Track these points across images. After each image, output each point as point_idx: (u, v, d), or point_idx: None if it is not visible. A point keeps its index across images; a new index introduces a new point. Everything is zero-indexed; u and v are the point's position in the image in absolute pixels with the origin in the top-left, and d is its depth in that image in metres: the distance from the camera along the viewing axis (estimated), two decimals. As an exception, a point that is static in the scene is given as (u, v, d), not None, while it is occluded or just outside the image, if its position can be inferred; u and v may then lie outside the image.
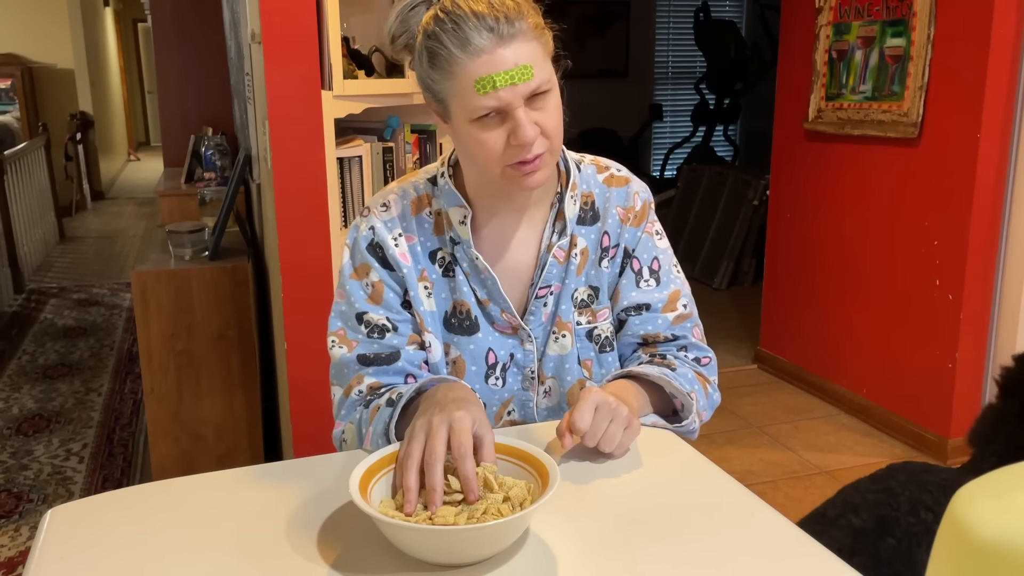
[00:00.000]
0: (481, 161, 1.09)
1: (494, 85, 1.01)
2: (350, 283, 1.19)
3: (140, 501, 1.00)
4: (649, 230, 1.25)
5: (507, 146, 1.05)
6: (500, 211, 1.19)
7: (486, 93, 1.02)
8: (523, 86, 1.02)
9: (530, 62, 1.02)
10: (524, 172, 1.07)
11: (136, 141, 14.00)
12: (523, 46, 1.02)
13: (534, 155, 1.06)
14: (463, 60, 1.02)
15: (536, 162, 1.07)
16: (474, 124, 1.06)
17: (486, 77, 1.01)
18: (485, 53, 1.01)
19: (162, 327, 2.58)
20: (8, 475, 2.93)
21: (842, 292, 3.43)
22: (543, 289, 1.19)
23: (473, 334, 1.19)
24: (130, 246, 6.89)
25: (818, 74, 3.40)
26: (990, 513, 0.46)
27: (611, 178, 1.24)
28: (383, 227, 1.18)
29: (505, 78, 1.01)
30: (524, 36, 1.03)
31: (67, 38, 8.90)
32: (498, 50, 1.01)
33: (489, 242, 1.19)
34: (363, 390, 1.17)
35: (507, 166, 1.07)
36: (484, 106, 1.03)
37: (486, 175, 1.12)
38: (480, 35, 1.01)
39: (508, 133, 1.05)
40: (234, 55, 3.54)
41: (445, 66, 1.04)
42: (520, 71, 1.02)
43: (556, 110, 1.08)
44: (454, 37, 1.02)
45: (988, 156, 2.79)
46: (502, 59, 1.01)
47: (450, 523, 0.85)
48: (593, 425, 1.03)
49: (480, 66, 1.01)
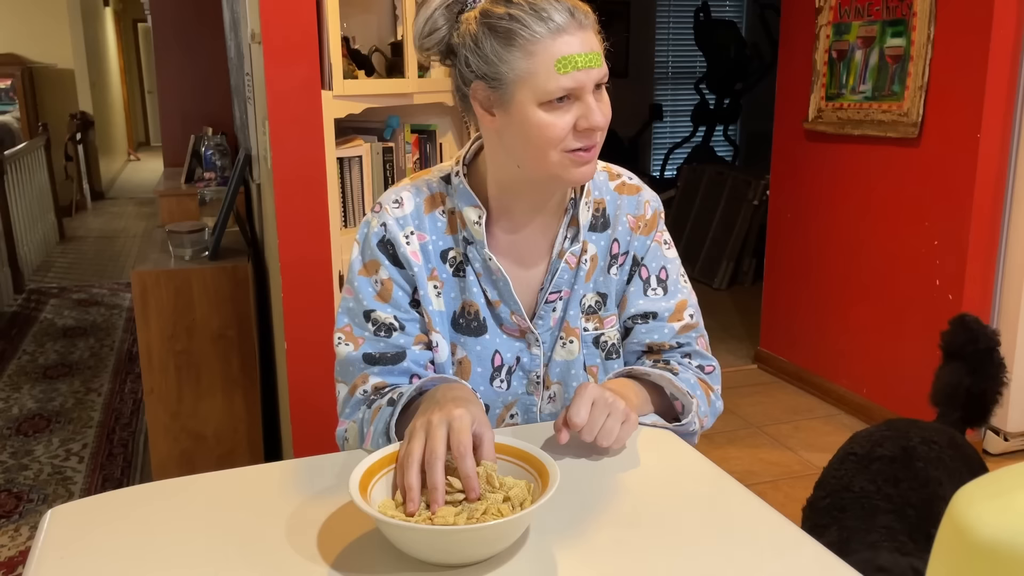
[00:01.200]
0: (541, 145, 1.06)
1: (576, 65, 1.02)
2: (359, 279, 1.18)
3: (140, 501, 1.00)
4: (658, 239, 1.25)
5: (572, 131, 1.06)
6: (516, 213, 1.18)
7: (566, 73, 1.02)
8: (596, 71, 1.05)
9: (599, 52, 1.06)
10: (581, 160, 1.08)
11: (136, 141, 14.00)
12: (593, 36, 1.06)
13: (594, 143, 1.08)
14: (545, 37, 1.02)
15: (592, 151, 1.08)
16: (543, 107, 1.05)
17: (568, 56, 1.02)
18: (566, 33, 1.03)
19: (162, 327, 2.58)
20: (8, 475, 2.93)
21: (842, 292, 3.43)
22: (553, 294, 1.19)
23: (481, 335, 1.19)
24: (130, 246, 6.89)
25: (818, 74, 3.40)
26: (990, 513, 0.46)
27: (623, 186, 1.24)
28: (395, 224, 1.17)
29: (585, 60, 1.03)
30: (592, 27, 1.06)
31: (67, 38, 8.90)
32: (578, 32, 1.03)
33: (502, 244, 1.19)
34: (368, 390, 1.16)
35: (565, 151, 1.07)
36: (562, 87, 1.03)
37: (539, 161, 1.08)
38: (561, 14, 1.03)
39: (576, 117, 1.05)
40: (234, 55, 3.54)
41: (523, 44, 1.03)
42: (596, 56, 1.04)
43: (608, 104, 1.10)
44: (536, 16, 1.03)
45: (988, 156, 2.79)
46: (581, 41, 1.03)
47: (450, 523, 0.85)
48: (590, 419, 1.03)
49: (562, 45, 1.02)
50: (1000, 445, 2.97)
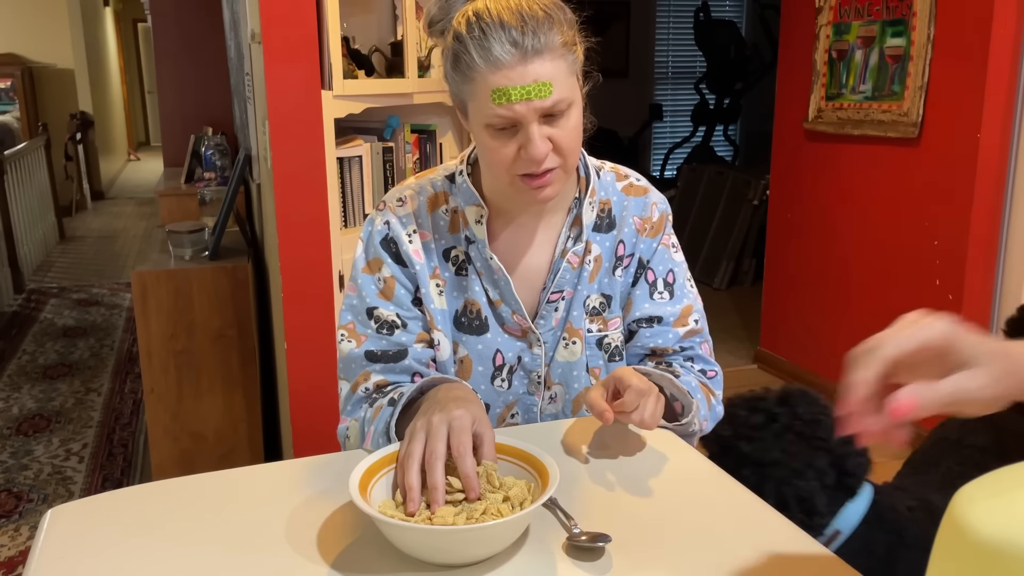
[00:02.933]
0: (492, 167, 1.09)
1: (509, 98, 1.01)
2: (362, 277, 1.19)
3: (140, 501, 1.00)
4: (666, 242, 1.24)
5: (517, 157, 1.05)
6: (516, 213, 1.18)
7: (500, 104, 1.02)
8: (539, 103, 1.02)
9: (551, 79, 1.01)
10: (533, 186, 1.07)
11: (136, 141, 14.00)
12: (546, 64, 1.01)
13: (544, 170, 1.05)
14: (483, 69, 1.01)
15: (546, 177, 1.06)
16: (487, 130, 1.06)
17: (502, 89, 1.01)
18: (505, 67, 1.00)
19: (162, 327, 2.58)
20: (8, 475, 2.93)
21: (842, 292, 3.43)
22: (555, 294, 1.19)
23: (482, 334, 1.19)
24: (130, 246, 6.89)
25: (818, 74, 3.40)
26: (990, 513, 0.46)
27: (630, 187, 1.24)
28: (398, 223, 1.18)
29: (521, 92, 1.01)
30: (550, 53, 1.01)
31: (67, 38, 8.90)
32: (518, 66, 1.00)
33: (504, 243, 1.19)
34: (369, 387, 1.17)
35: (516, 176, 1.07)
36: (498, 116, 1.03)
37: (496, 178, 1.12)
38: (503, 47, 1.00)
39: (519, 145, 1.04)
40: (234, 55, 3.54)
41: (466, 71, 1.04)
42: (538, 87, 1.01)
43: (574, 129, 1.07)
44: (478, 46, 1.01)
45: (988, 156, 2.79)
46: (521, 74, 1.00)
47: (449, 523, 0.85)
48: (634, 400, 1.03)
49: (498, 78, 1.01)
50: (1000, 445, 2.97)
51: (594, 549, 0.87)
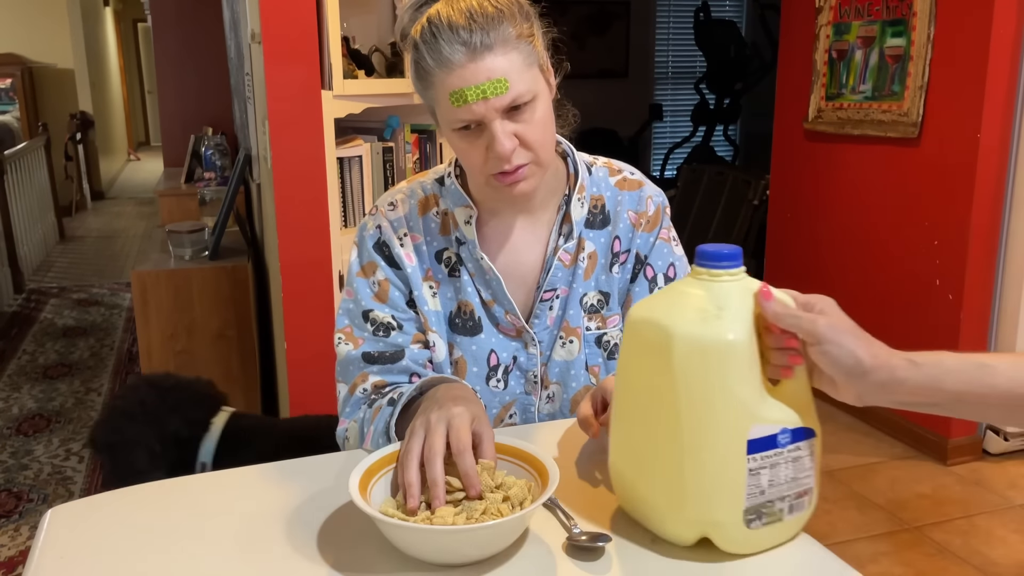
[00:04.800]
0: (468, 169, 1.11)
1: (465, 99, 1.01)
2: (357, 281, 1.20)
3: (140, 501, 1.00)
4: (664, 236, 1.23)
5: (487, 157, 1.06)
6: (504, 213, 1.19)
7: (459, 106, 1.02)
8: (496, 100, 1.02)
9: (506, 74, 1.01)
10: (506, 183, 1.07)
11: (136, 141, 14.00)
12: (499, 58, 1.01)
13: (515, 166, 1.06)
14: (437, 72, 1.03)
15: (518, 173, 1.06)
16: (455, 134, 1.07)
17: (458, 91, 1.01)
18: (457, 67, 1.01)
19: (162, 327, 2.58)
20: (8, 475, 2.93)
21: (842, 292, 3.42)
22: (548, 292, 1.19)
23: (475, 335, 1.19)
24: (130, 246, 6.89)
25: (818, 74, 3.40)
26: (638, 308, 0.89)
27: (623, 181, 1.23)
28: (389, 226, 1.19)
29: (476, 92, 1.01)
30: (502, 47, 1.01)
31: (67, 38, 8.90)
32: (469, 64, 1.01)
33: (494, 243, 1.19)
34: (367, 388, 1.17)
35: (490, 175, 1.08)
36: (459, 119, 1.04)
37: (473, 178, 1.14)
38: (452, 48, 1.01)
39: (486, 145, 1.05)
40: (234, 55, 3.54)
41: (424, 76, 1.05)
42: (493, 85, 1.01)
43: (541, 121, 1.06)
44: (431, 50, 1.02)
45: (988, 156, 2.79)
46: (473, 73, 1.01)
47: (449, 523, 0.85)
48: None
49: (453, 79, 1.02)
50: (1000, 445, 2.97)
51: (594, 549, 0.87)
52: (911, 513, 2.63)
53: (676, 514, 0.86)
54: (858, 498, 2.72)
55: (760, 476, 0.83)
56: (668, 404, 0.83)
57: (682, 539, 0.87)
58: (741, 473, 0.82)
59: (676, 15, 7.14)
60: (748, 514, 0.84)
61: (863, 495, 2.74)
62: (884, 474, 2.90)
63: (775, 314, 0.84)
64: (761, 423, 0.82)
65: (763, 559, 0.87)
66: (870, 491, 2.77)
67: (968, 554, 2.40)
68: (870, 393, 0.81)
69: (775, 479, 0.84)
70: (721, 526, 0.84)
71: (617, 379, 0.93)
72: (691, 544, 0.87)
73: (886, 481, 2.84)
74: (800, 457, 0.86)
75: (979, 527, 2.54)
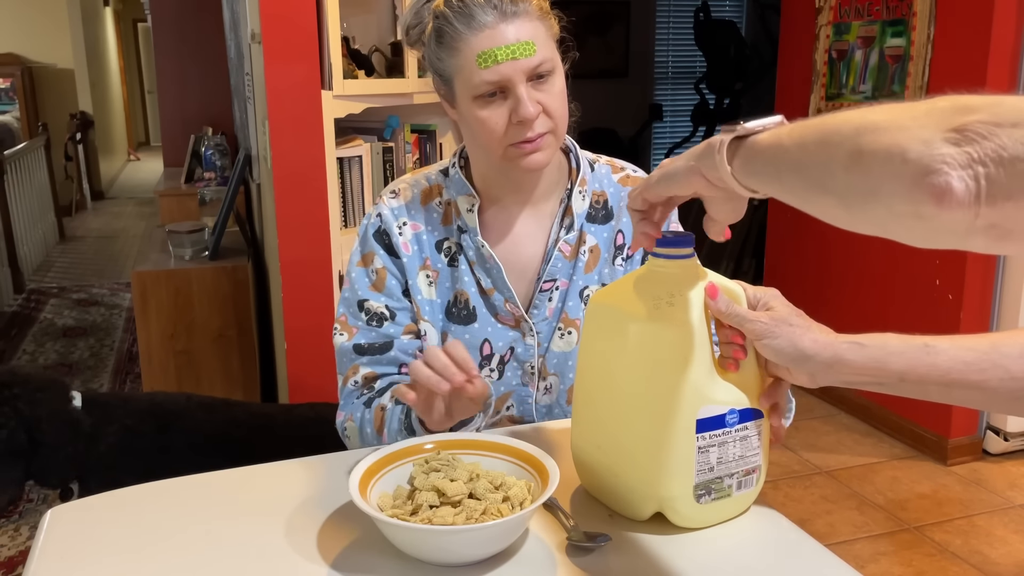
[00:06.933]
0: (484, 141, 1.11)
1: (495, 59, 1.04)
2: (356, 270, 1.22)
3: (140, 501, 1.00)
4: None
5: (509, 125, 1.07)
6: (508, 202, 1.20)
7: (487, 67, 1.04)
8: (525, 62, 1.05)
9: (532, 39, 1.05)
10: (526, 152, 1.09)
11: (136, 141, 14.00)
12: (526, 24, 1.05)
13: (536, 134, 1.08)
14: (467, 35, 1.05)
15: (538, 141, 1.08)
16: (477, 102, 1.08)
17: (488, 51, 1.04)
18: (488, 28, 1.04)
19: (162, 327, 2.58)
20: (8, 475, 2.93)
21: (842, 292, 3.43)
22: (548, 283, 1.20)
23: (470, 324, 1.20)
24: (130, 246, 6.89)
25: (818, 74, 3.40)
26: (600, 294, 0.95)
27: (626, 178, 1.25)
28: (390, 214, 1.20)
29: (507, 52, 1.04)
30: (528, 15, 1.06)
31: (67, 38, 8.90)
32: (500, 25, 1.04)
33: (496, 233, 1.21)
34: (359, 380, 1.19)
35: (509, 146, 1.09)
36: (486, 81, 1.05)
37: (489, 157, 1.14)
38: (484, 12, 1.04)
39: (510, 111, 1.07)
40: (234, 55, 3.54)
41: (450, 43, 1.07)
42: (522, 47, 1.04)
43: (560, 94, 1.10)
44: (460, 15, 1.05)
45: (988, 156, 2.79)
46: (503, 34, 1.04)
47: (449, 523, 0.85)
48: None
49: (482, 40, 1.04)
50: (1000, 445, 2.97)
51: (594, 549, 0.87)
52: (911, 513, 2.63)
53: (631, 490, 0.91)
54: (858, 498, 2.73)
55: (709, 454, 0.88)
56: (624, 386, 0.89)
57: (638, 514, 0.91)
58: (691, 451, 0.87)
59: (676, 15, 7.14)
60: (698, 489, 0.88)
61: (863, 495, 2.74)
62: (884, 474, 2.90)
63: (719, 312, 0.89)
64: (710, 404, 0.87)
65: (763, 560, 0.87)
66: (870, 491, 2.77)
67: (968, 554, 2.40)
68: (819, 374, 0.86)
69: (723, 457, 0.89)
70: (673, 501, 0.89)
71: (578, 362, 0.98)
72: (646, 519, 0.91)
73: (886, 481, 2.84)
74: (748, 436, 0.90)
75: (979, 527, 2.54)
